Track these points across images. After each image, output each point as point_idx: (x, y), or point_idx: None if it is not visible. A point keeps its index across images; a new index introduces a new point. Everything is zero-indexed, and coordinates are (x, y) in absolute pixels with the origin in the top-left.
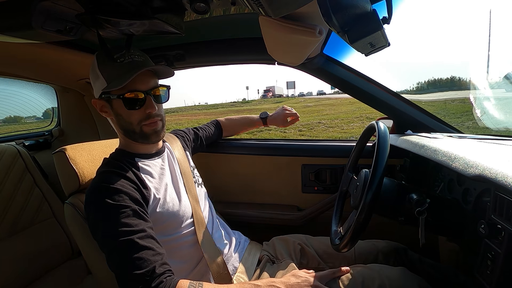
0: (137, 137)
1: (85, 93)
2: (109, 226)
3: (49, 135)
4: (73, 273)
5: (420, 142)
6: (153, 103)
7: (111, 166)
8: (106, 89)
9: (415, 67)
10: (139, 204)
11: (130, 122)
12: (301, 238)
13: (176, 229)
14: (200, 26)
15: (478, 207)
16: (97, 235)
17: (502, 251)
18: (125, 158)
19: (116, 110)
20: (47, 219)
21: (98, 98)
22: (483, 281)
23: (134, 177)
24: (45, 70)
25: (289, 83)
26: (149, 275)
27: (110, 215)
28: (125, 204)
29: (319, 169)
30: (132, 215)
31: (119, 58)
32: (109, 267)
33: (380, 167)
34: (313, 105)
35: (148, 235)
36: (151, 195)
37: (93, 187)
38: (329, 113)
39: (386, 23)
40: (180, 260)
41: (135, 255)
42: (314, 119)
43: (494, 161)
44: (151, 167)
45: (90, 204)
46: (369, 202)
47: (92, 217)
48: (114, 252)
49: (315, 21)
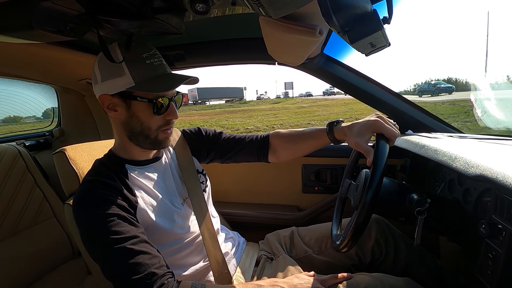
0: (147, 142)
1: (85, 94)
2: (99, 236)
3: (50, 135)
4: (73, 273)
5: (421, 142)
6: (175, 110)
7: (98, 175)
8: (135, 89)
9: (410, 68)
10: (127, 211)
11: (149, 127)
12: (290, 230)
13: (174, 239)
14: (200, 26)
15: (479, 207)
16: (88, 246)
17: (503, 251)
18: (114, 165)
19: (134, 112)
20: (48, 219)
21: (113, 95)
22: (484, 281)
23: (121, 186)
24: (45, 70)
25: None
26: (148, 278)
27: (99, 224)
28: (113, 212)
29: (320, 169)
30: (122, 222)
31: (149, 59)
32: (105, 277)
33: (380, 166)
34: (307, 106)
35: (141, 240)
36: (140, 205)
37: (77, 197)
38: (321, 114)
39: (387, 23)
40: (181, 265)
41: (131, 261)
42: (304, 120)
43: (495, 161)
44: (141, 176)
45: (77, 215)
46: (369, 201)
47: (81, 228)
48: (108, 261)
49: (315, 21)
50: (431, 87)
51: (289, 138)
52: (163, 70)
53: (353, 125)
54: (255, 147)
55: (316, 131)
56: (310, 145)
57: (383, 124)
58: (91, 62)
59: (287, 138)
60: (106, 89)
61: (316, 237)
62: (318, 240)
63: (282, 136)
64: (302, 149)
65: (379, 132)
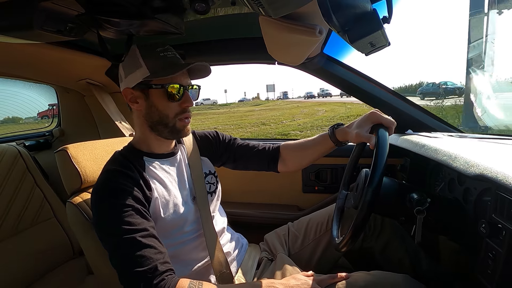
0: (167, 131)
1: (85, 94)
2: (112, 224)
3: (50, 135)
4: (74, 273)
5: (421, 141)
6: (190, 98)
7: (117, 164)
8: (150, 78)
9: (403, 69)
10: (142, 204)
11: (167, 115)
12: (287, 227)
13: (179, 234)
14: (200, 26)
15: (479, 206)
16: (100, 233)
17: (503, 250)
18: (133, 157)
19: (152, 101)
20: (48, 219)
21: (133, 88)
22: (484, 281)
23: (139, 177)
24: (45, 70)
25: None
26: (151, 272)
27: (114, 213)
28: (128, 203)
29: (320, 169)
30: (135, 214)
31: (163, 52)
32: (112, 264)
33: (380, 164)
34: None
35: (150, 234)
36: (153, 197)
37: (97, 185)
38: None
39: (387, 22)
40: (184, 261)
41: (138, 252)
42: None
43: (495, 161)
44: (157, 169)
45: (95, 203)
46: (369, 200)
47: (96, 215)
48: (117, 250)
49: (315, 21)
50: (436, 88)
51: (297, 148)
52: (176, 61)
53: (352, 122)
54: (266, 156)
55: (319, 137)
56: (316, 151)
57: (379, 115)
58: (91, 62)
59: (295, 148)
60: (128, 83)
61: (310, 225)
62: (313, 227)
63: (291, 146)
64: (309, 156)
65: (377, 122)
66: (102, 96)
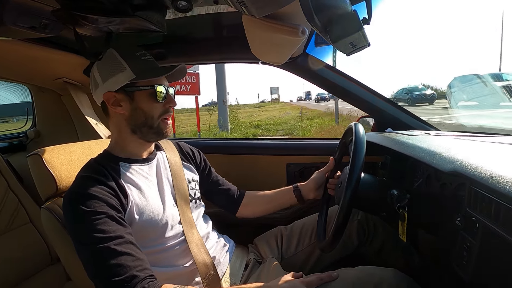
0: (152, 132)
1: (62, 93)
2: (85, 233)
3: (24, 137)
4: (52, 280)
5: (400, 139)
6: (173, 98)
7: (90, 171)
8: (137, 79)
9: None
10: (116, 210)
11: (152, 116)
12: (278, 231)
13: (160, 239)
14: (182, 24)
15: (455, 201)
16: (74, 242)
17: (476, 242)
18: (108, 163)
19: (138, 103)
20: (24, 224)
21: (117, 91)
22: (459, 271)
23: (113, 183)
24: (18, 69)
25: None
26: (128, 281)
27: (86, 222)
28: (101, 211)
29: (303, 167)
30: (109, 221)
31: (143, 56)
32: (88, 275)
33: (357, 164)
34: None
35: (126, 241)
36: (129, 202)
37: (68, 193)
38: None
39: (366, 23)
40: (167, 265)
41: (113, 261)
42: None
43: (469, 157)
44: (134, 174)
45: (67, 211)
46: (348, 200)
47: (69, 223)
48: (91, 260)
49: (298, 20)
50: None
51: (262, 198)
52: (156, 65)
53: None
54: (232, 198)
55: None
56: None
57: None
58: (68, 60)
59: (260, 198)
60: (110, 86)
61: (305, 230)
62: (308, 232)
63: (257, 196)
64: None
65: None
66: (78, 96)
